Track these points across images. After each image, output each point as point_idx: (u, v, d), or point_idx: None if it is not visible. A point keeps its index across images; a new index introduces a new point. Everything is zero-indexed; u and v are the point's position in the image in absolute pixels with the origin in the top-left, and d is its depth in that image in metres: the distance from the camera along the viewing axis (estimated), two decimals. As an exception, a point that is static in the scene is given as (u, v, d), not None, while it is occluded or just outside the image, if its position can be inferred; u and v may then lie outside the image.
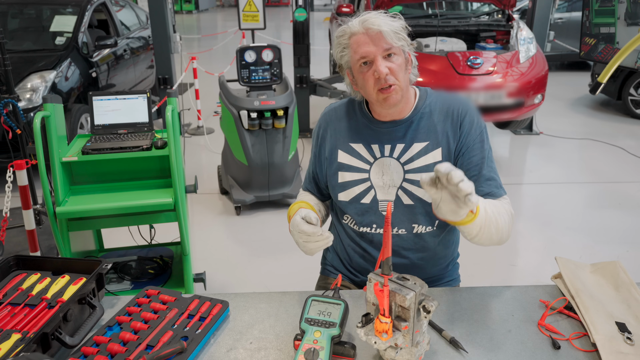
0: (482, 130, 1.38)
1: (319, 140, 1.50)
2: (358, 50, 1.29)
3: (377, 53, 1.27)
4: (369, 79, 1.29)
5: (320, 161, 1.50)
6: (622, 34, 4.69)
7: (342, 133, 1.45)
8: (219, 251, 3.27)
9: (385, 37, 1.26)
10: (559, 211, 3.77)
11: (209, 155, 4.91)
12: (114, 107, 2.35)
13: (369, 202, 1.41)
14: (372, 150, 1.40)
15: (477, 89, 4.29)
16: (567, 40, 7.54)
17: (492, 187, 1.36)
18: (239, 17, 4.76)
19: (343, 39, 1.32)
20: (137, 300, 1.26)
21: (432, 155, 1.36)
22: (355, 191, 1.41)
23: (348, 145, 1.43)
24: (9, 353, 1.07)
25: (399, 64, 1.29)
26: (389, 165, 1.38)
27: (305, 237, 1.25)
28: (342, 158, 1.43)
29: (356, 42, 1.29)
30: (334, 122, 1.47)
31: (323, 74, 7.29)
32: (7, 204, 2.76)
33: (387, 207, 0.97)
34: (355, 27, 1.29)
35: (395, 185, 1.38)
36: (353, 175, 1.42)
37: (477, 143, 1.36)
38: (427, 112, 1.39)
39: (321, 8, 21.98)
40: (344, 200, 1.43)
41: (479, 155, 1.36)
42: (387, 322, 0.98)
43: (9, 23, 4.85)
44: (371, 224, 1.42)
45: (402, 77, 1.29)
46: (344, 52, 1.33)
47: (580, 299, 1.21)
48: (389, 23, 1.27)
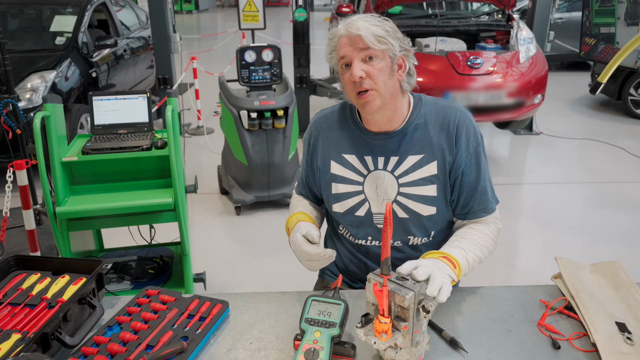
0: (479, 145, 1.35)
1: (311, 149, 1.46)
2: (339, 52, 1.27)
3: (353, 55, 1.23)
4: (348, 82, 1.27)
5: (312, 170, 1.48)
6: (622, 34, 4.68)
7: (334, 143, 1.41)
8: (219, 251, 3.27)
9: (363, 39, 1.21)
10: (559, 211, 3.77)
11: (209, 155, 4.91)
12: (114, 107, 2.35)
13: (363, 215, 1.39)
14: (365, 163, 1.37)
15: (477, 89, 4.29)
16: (567, 40, 7.54)
17: (485, 203, 1.37)
18: (239, 17, 4.76)
19: (332, 41, 1.30)
20: (137, 300, 1.26)
21: (427, 169, 1.33)
22: (350, 203, 1.40)
23: (341, 156, 1.40)
24: (9, 353, 1.07)
25: (379, 67, 1.24)
26: (383, 179, 1.35)
27: (308, 256, 1.26)
28: (335, 169, 1.40)
29: (339, 45, 1.27)
30: (325, 131, 1.43)
31: (323, 74, 7.29)
32: (7, 204, 2.76)
33: (386, 207, 0.96)
34: (341, 30, 1.26)
35: (390, 199, 1.36)
36: (347, 187, 1.39)
37: (474, 159, 1.34)
38: (421, 123, 1.34)
39: (321, 8, 21.99)
40: (338, 211, 1.42)
41: (474, 173, 1.35)
42: (387, 322, 0.98)
43: (9, 23, 4.85)
44: (366, 237, 1.41)
45: (382, 81, 1.24)
46: (331, 55, 1.32)
47: (580, 299, 1.21)
48: (369, 27, 1.22)
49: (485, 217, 1.39)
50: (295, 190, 1.60)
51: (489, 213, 1.38)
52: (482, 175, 1.36)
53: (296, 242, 1.28)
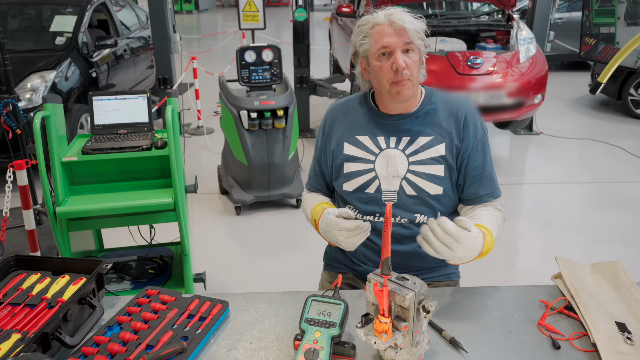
0: (484, 133, 1.45)
1: (325, 135, 1.54)
2: (380, 40, 1.33)
3: (397, 46, 1.32)
4: (386, 70, 1.34)
5: (325, 155, 1.54)
6: (622, 34, 4.69)
7: (348, 126, 1.49)
8: (219, 251, 3.27)
9: (408, 33, 1.31)
10: (559, 211, 3.77)
11: (209, 155, 4.91)
12: (114, 107, 2.35)
13: (373, 192, 1.44)
14: (377, 142, 1.44)
15: (477, 89, 4.29)
16: (567, 40, 7.54)
17: (492, 188, 1.46)
18: (239, 17, 4.76)
19: (366, 27, 1.37)
20: (137, 300, 1.26)
21: (436, 149, 1.41)
22: (360, 181, 1.45)
23: (354, 137, 1.47)
24: (9, 353, 1.07)
25: (415, 60, 1.34)
26: (394, 157, 1.42)
27: (346, 234, 1.29)
28: (348, 150, 1.47)
29: (378, 33, 1.34)
30: (341, 117, 1.51)
31: (323, 74, 7.29)
32: (7, 204, 2.76)
33: (386, 207, 0.97)
34: (380, 19, 1.34)
35: (400, 176, 1.42)
36: (358, 165, 1.45)
37: (480, 146, 1.43)
38: (432, 109, 1.44)
39: (321, 8, 21.98)
40: (348, 190, 1.47)
41: (480, 158, 1.43)
42: (387, 322, 0.98)
43: (9, 23, 4.85)
44: (374, 213, 1.45)
45: (416, 73, 1.35)
46: (364, 41, 1.37)
47: (580, 299, 1.21)
48: (413, 22, 1.33)
49: (492, 202, 1.46)
50: (307, 187, 1.65)
51: (495, 198, 1.46)
52: (488, 162, 1.45)
53: (332, 222, 1.32)
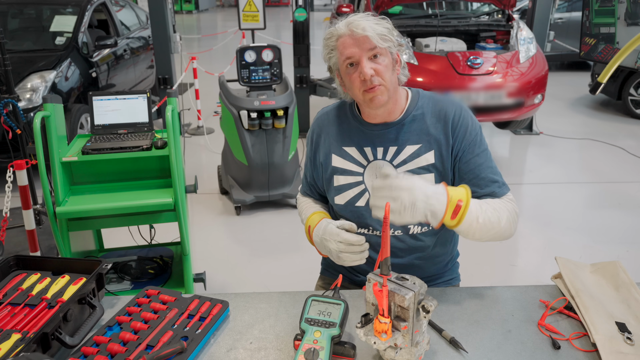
0: (477, 133, 1.37)
1: (314, 146, 1.51)
2: (344, 52, 1.30)
3: (362, 54, 1.27)
4: (355, 80, 1.30)
5: (315, 166, 1.52)
6: (622, 34, 4.69)
7: (335, 137, 1.45)
8: (219, 251, 3.27)
9: (370, 39, 1.26)
10: (559, 211, 3.77)
11: (209, 155, 4.91)
12: (114, 107, 2.35)
13: (363, 205, 1.40)
14: (364, 153, 1.41)
15: (477, 89, 4.29)
16: (567, 40, 7.54)
17: (494, 188, 1.36)
18: (239, 17, 4.76)
19: (330, 41, 1.34)
20: (137, 300, 1.26)
21: (424, 158, 1.36)
22: (350, 194, 1.42)
23: (341, 149, 1.43)
24: (9, 353, 1.07)
25: (385, 64, 1.29)
26: (382, 168, 1.38)
27: (343, 247, 1.27)
28: (336, 162, 1.44)
29: (342, 44, 1.30)
30: (327, 127, 1.48)
31: (323, 74, 7.26)
32: (7, 204, 2.76)
33: (385, 207, 0.97)
34: (342, 29, 1.30)
35: None
36: (347, 178, 1.42)
37: (472, 147, 1.36)
38: (419, 115, 1.38)
39: (321, 8, 21.97)
40: (339, 203, 1.44)
41: (474, 160, 1.36)
42: (387, 322, 0.98)
43: (9, 23, 4.85)
44: (367, 226, 1.42)
45: (388, 77, 1.30)
46: (332, 54, 1.35)
47: (580, 299, 1.21)
48: (373, 26, 1.28)
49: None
50: (300, 191, 1.62)
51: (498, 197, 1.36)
52: (485, 162, 1.36)
53: (332, 232, 1.30)
